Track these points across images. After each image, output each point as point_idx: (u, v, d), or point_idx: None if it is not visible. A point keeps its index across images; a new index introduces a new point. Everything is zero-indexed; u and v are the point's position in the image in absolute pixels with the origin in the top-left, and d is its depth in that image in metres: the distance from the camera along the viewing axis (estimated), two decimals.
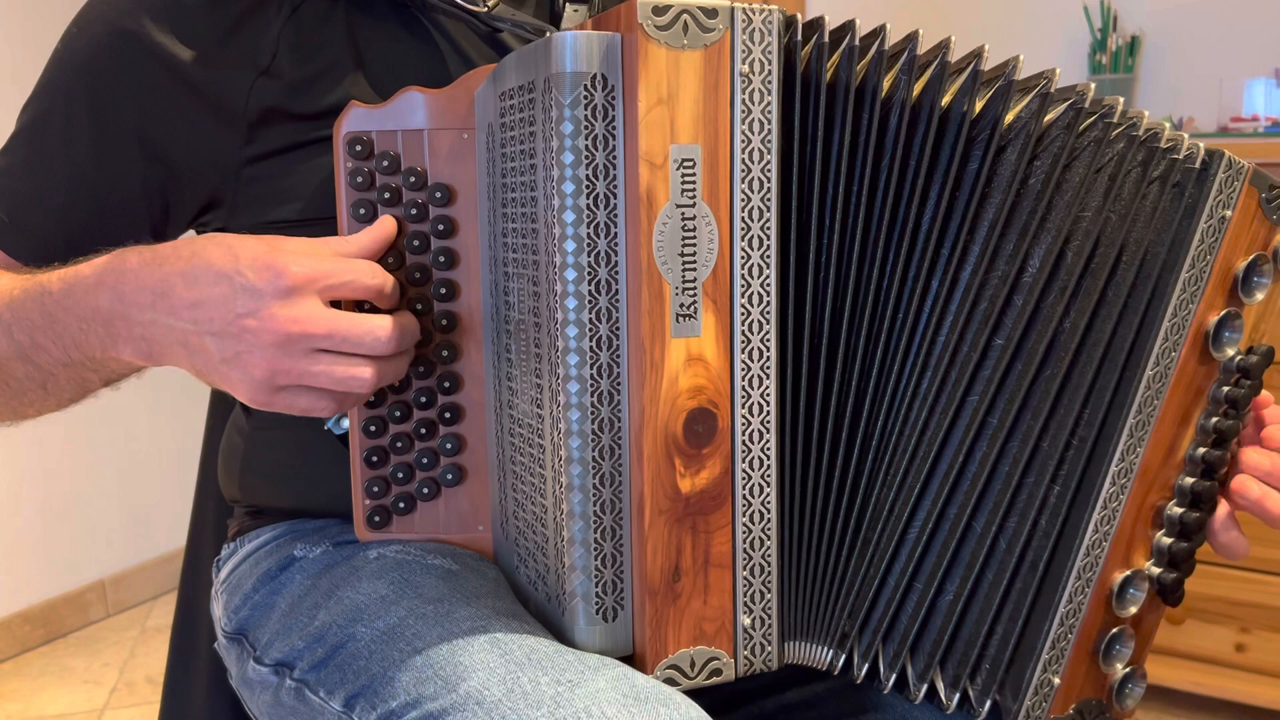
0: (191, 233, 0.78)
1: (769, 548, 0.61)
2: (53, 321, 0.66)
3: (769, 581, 0.61)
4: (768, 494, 0.60)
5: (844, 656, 0.65)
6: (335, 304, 0.62)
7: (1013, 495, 0.65)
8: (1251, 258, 0.67)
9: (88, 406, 0.76)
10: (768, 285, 0.59)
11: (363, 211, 0.69)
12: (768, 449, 0.60)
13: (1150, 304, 0.65)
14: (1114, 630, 0.68)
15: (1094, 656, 0.68)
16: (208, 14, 0.72)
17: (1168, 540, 0.68)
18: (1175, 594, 0.69)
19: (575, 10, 0.81)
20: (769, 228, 0.59)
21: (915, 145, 0.62)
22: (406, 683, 0.60)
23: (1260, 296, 0.68)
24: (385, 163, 0.69)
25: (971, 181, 0.62)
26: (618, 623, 0.60)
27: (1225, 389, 0.68)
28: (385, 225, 0.67)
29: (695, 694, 0.59)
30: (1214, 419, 0.68)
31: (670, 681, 0.59)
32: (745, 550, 0.60)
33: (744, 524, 0.60)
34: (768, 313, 0.59)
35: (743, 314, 0.58)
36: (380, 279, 0.63)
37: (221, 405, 0.94)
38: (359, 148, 0.69)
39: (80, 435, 2.35)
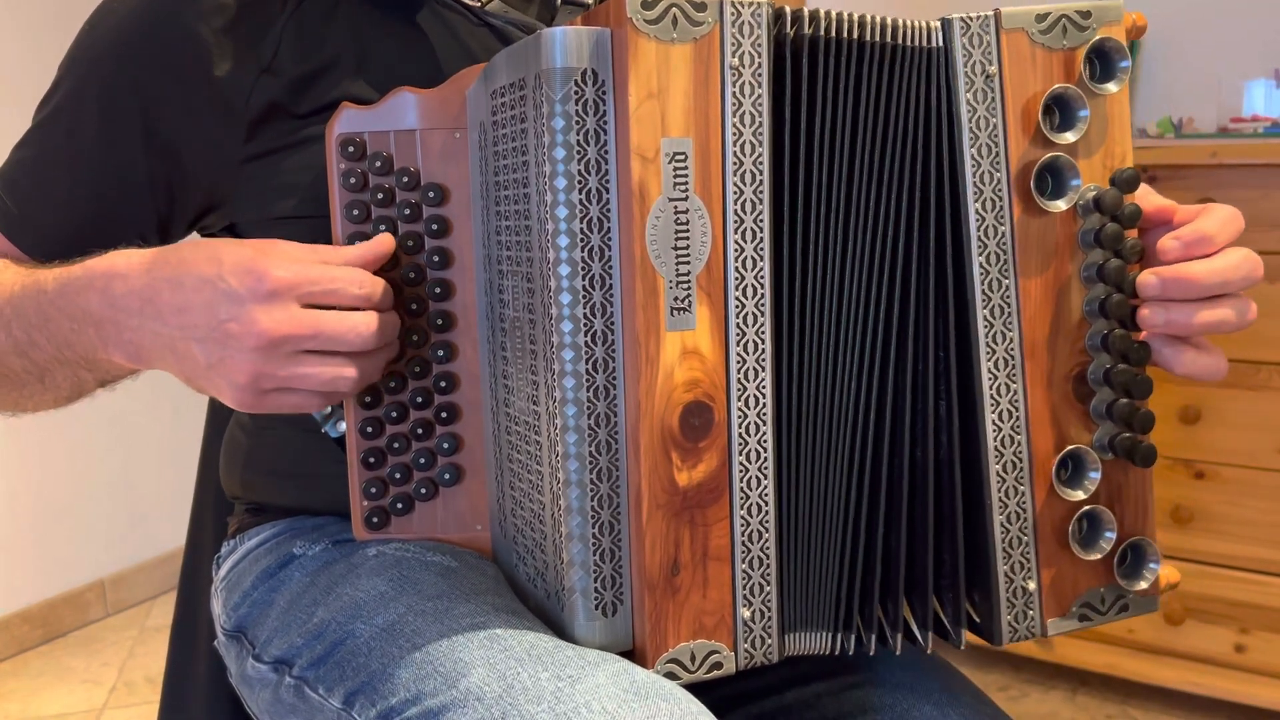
0: (194, 236, 0.79)
1: (768, 540, 0.61)
2: (46, 320, 0.67)
3: (768, 574, 0.61)
4: (765, 486, 0.61)
5: (854, 636, 0.65)
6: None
7: (910, 427, 0.64)
8: (1046, 95, 0.62)
9: (87, 405, 0.76)
10: (761, 278, 0.59)
11: (356, 212, 0.69)
12: (764, 442, 0.60)
13: (952, 192, 0.63)
14: (1081, 513, 0.65)
15: (1066, 547, 0.65)
16: (211, 12, 0.72)
17: (1104, 403, 0.65)
18: (1140, 452, 0.64)
19: (570, 11, 0.81)
20: (762, 220, 0.59)
21: (878, 128, 0.62)
22: (406, 679, 0.61)
23: (1078, 132, 0.63)
24: (378, 164, 0.69)
25: (892, 150, 0.62)
26: (617, 618, 0.60)
27: (1091, 229, 0.64)
28: (382, 242, 0.67)
29: (695, 691, 0.59)
30: (1093, 267, 0.64)
31: (671, 676, 0.59)
32: (744, 543, 0.60)
33: (742, 517, 0.60)
34: (762, 305, 0.59)
35: (737, 306, 0.59)
36: (368, 288, 0.63)
37: (221, 403, 0.94)
38: (351, 149, 0.69)
39: (79, 435, 2.35)
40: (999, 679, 1.95)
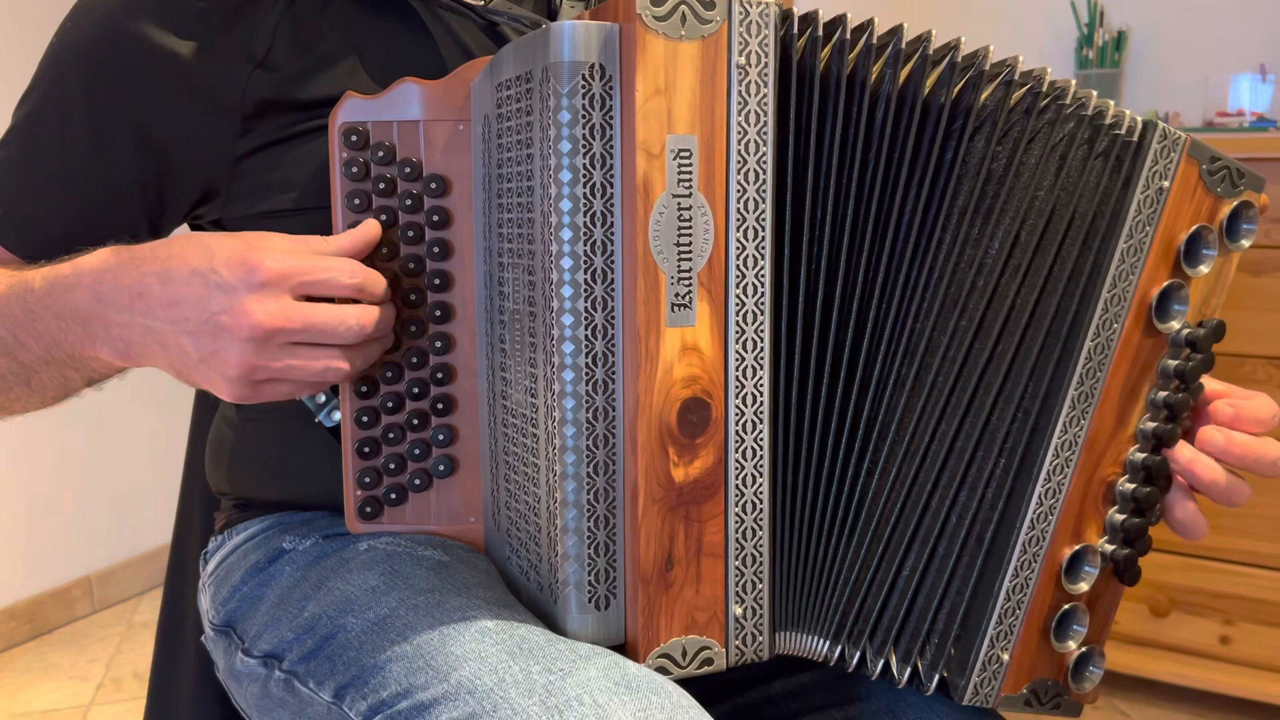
0: (185, 228, 0.78)
1: (761, 538, 0.61)
2: (34, 319, 0.66)
3: (761, 571, 0.62)
4: (760, 484, 0.61)
5: (840, 649, 0.66)
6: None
7: (965, 470, 0.65)
8: (1194, 229, 0.67)
9: (73, 402, 0.76)
10: (762, 276, 0.59)
11: (358, 202, 0.69)
12: (761, 439, 0.60)
13: (1090, 276, 0.65)
14: (1066, 607, 0.68)
15: (1045, 633, 0.68)
16: (203, 6, 0.72)
17: (1121, 516, 0.68)
18: (1130, 572, 0.68)
19: (572, 7, 0.82)
20: (764, 219, 0.59)
21: (899, 136, 0.62)
22: (397, 673, 0.60)
23: (1205, 269, 0.68)
24: (380, 153, 0.69)
25: (947, 169, 0.63)
26: (610, 611, 0.60)
27: (1174, 363, 0.67)
28: (369, 228, 0.67)
29: (685, 683, 0.59)
30: (1163, 393, 0.67)
31: (662, 671, 0.60)
32: (738, 540, 0.61)
33: (736, 514, 0.60)
34: (762, 304, 0.59)
35: (737, 304, 0.59)
36: (360, 277, 0.63)
37: (208, 398, 0.94)
38: (354, 138, 0.69)
39: (66, 430, 2.33)
40: None
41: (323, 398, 0.72)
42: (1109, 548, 0.68)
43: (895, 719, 0.72)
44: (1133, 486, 0.67)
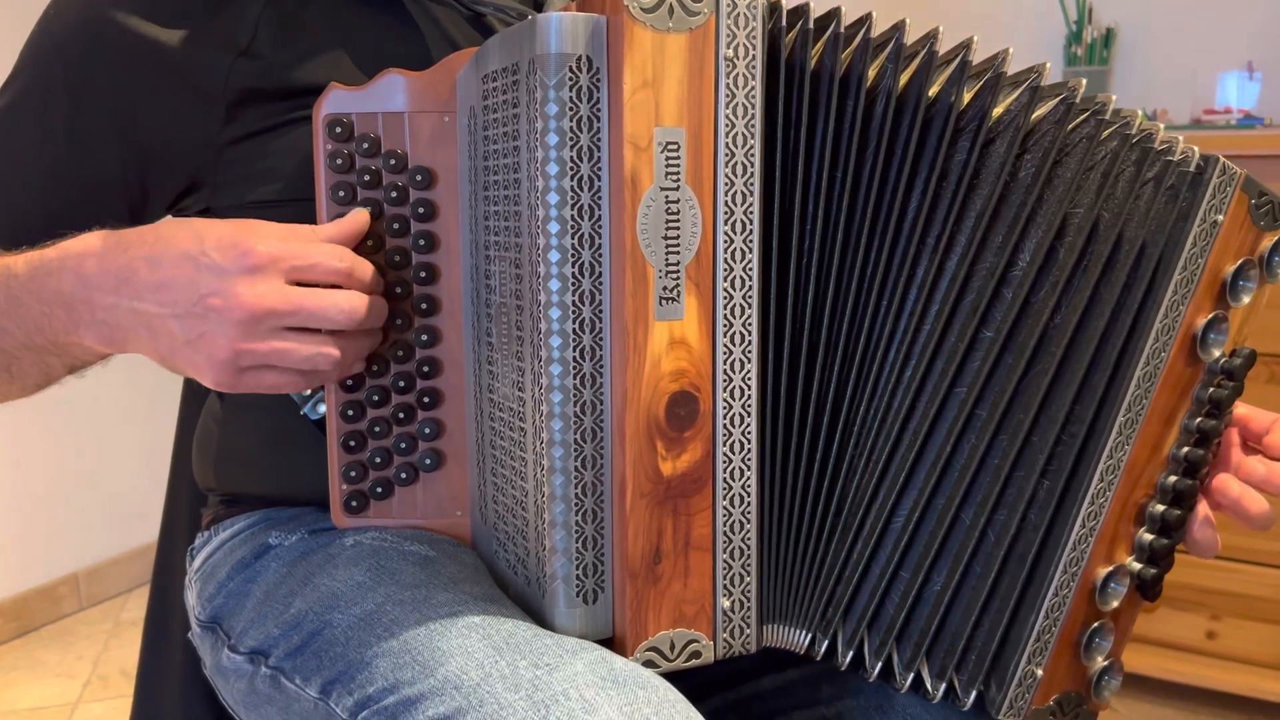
0: (169, 217, 0.78)
1: (749, 531, 0.61)
2: (16, 304, 0.66)
3: (749, 565, 0.61)
4: (748, 478, 0.61)
5: (826, 642, 0.66)
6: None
7: (1002, 488, 0.65)
8: (1240, 262, 0.68)
9: (60, 396, 0.75)
10: (750, 270, 0.59)
11: (342, 194, 0.68)
12: (749, 433, 0.60)
13: (1144, 304, 0.65)
14: (1096, 624, 0.69)
15: (1076, 649, 0.69)
16: None
17: (1149, 537, 0.69)
18: (1154, 590, 0.70)
19: (568, 3, 0.81)
20: (752, 212, 0.59)
21: (901, 134, 0.62)
22: (384, 668, 0.60)
23: (1246, 300, 0.69)
24: (365, 145, 0.68)
25: (959, 173, 0.62)
26: (598, 605, 0.60)
27: (1210, 390, 0.69)
28: (357, 218, 0.66)
29: (674, 678, 0.59)
30: (1197, 419, 0.69)
31: (650, 664, 0.60)
32: (725, 533, 0.60)
33: (724, 507, 0.60)
34: (750, 297, 0.59)
35: (725, 298, 0.59)
36: (348, 263, 0.63)
37: (195, 393, 0.93)
38: (339, 129, 0.68)
39: (53, 426, 2.32)
40: None
41: (308, 390, 0.71)
42: (1136, 566, 0.70)
43: (884, 715, 0.72)
44: (1163, 509, 0.69)
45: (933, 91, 0.62)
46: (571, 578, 0.60)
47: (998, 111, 0.62)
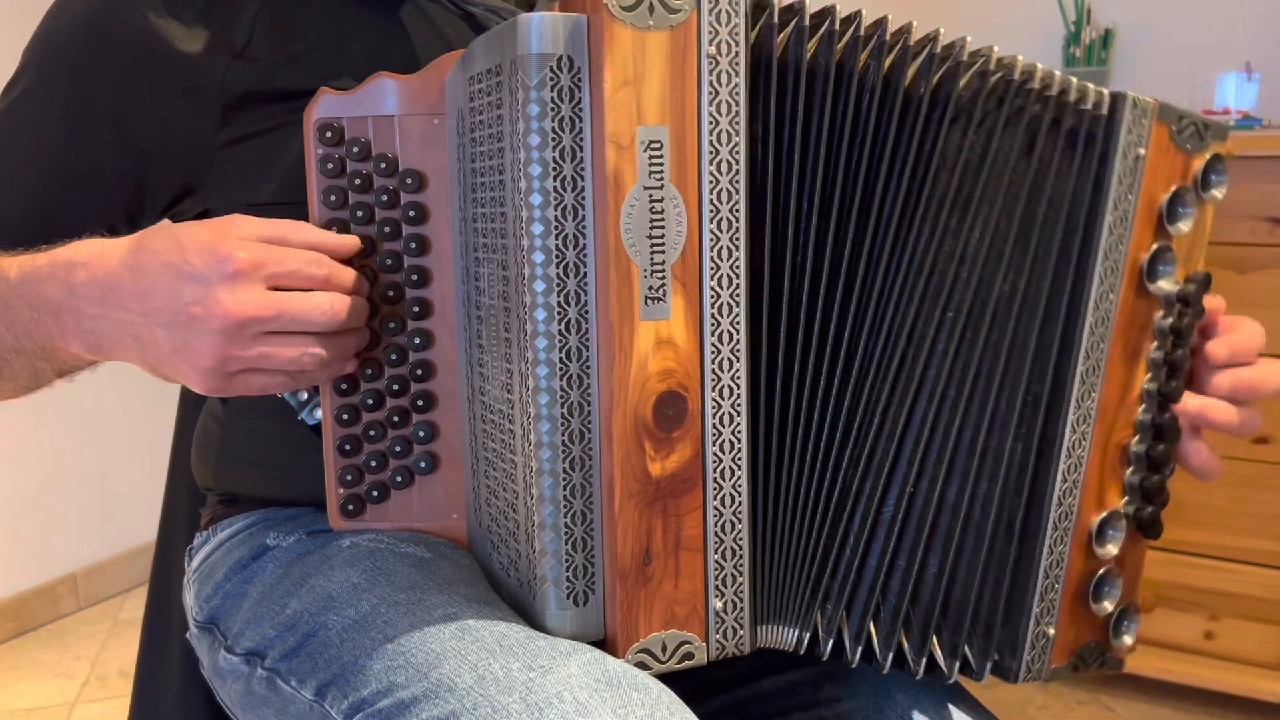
0: (167, 222, 0.78)
1: (740, 531, 0.61)
2: (6, 308, 0.66)
3: (741, 565, 0.61)
4: (739, 477, 0.60)
5: (832, 640, 0.65)
6: None
7: (979, 461, 0.66)
8: (1173, 190, 0.68)
9: (58, 395, 0.76)
10: (737, 268, 0.59)
11: (334, 198, 0.68)
12: (738, 432, 0.60)
13: (1083, 252, 0.66)
14: (1100, 572, 0.69)
15: (1084, 602, 0.69)
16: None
17: (1138, 476, 0.70)
18: (1154, 527, 0.70)
19: (550, 3, 0.81)
20: (738, 210, 0.59)
21: (883, 126, 0.62)
22: (378, 671, 0.60)
23: (1187, 227, 0.69)
24: (356, 149, 0.68)
25: (925, 160, 0.63)
26: (589, 607, 0.60)
27: (1169, 320, 0.69)
28: (347, 241, 0.66)
29: (668, 680, 0.59)
30: (1162, 351, 0.69)
31: (642, 666, 0.59)
32: (716, 533, 0.60)
33: (715, 507, 0.60)
34: (737, 296, 0.59)
35: (712, 296, 0.58)
36: (327, 269, 0.63)
37: (193, 394, 0.93)
38: (329, 134, 0.68)
39: (51, 425, 2.32)
40: None
41: (305, 395, 0.72)
42: (1131, 508, 0.70)
43: (883, 715, 0.72)
44: (1146, 445, 0.69)
45: (906, 83, 0.62)
46: (561, 580, 0.60)
47: (957, 96, 0.62)
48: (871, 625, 0.66)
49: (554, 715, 0.53)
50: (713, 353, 0.59)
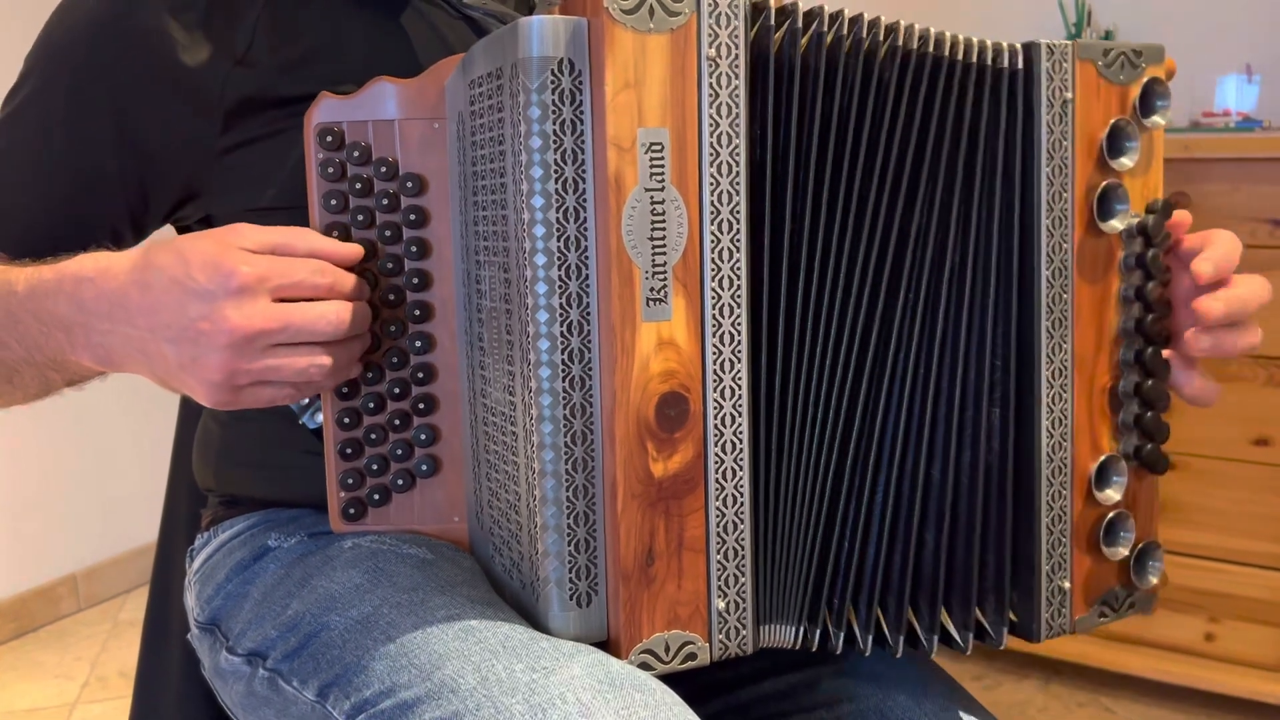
0: (170, 230, 0.78)
1: (743, 531, 0.61)
2: (16, 322, 0.67)
3: (743, 565, 0.61)
4: (740, 477, 0.61)
5: (842, 633, 0.66)
6: None
7: (959, 433, 0.66)
8: (1110, 125, 0.67)
9: (58, 399, 0.76)
10: (738, 269, 0.59)
11: (334, 203, 0.69)
12: (740, 433, 0.60)
13: (1024, 208, 0.66)
14: (1109, 517, 0.69)
15: (1097, 549, 0.69)
16: (184, 2, 0.72)
17: (1131, 414, 0.70)
18: (1158, 462, 0.70)
19: (549, 2, 0.81)
20: (739, 212, 0.59)
21: (865, 120, 0.63)
22: (380, 671, 0.60)
23: (1131, 160, 0.68)
24: (356, 153, 0.69)
25: (897, 148, 0.63)
26: (592, 608, 0.60)
27: (1133, 255, 0.69)
28: (350, 249, 0.66)
29: (671, 681, 0.59)
30: (1132, 288, 0.69)
31: (645, 666, 0.59)
32: (719, 534, 0.60)
33: (717, 507, 0.60)
34: (738, 297, 0.59)
35: (713, 298, 0.59)
36: (330, 277, 0.63)
37: None
38: (330, 138, 0.69)
39: (52, 426, 2.32)
40: (973, 668, 1.97)
41: (306, 399, 0.72)
42: (1130, 447, 0.70)
43: (884, 717, 0.72)
44: (1135, 384, 0.69)
45: (875, 73, 0.63)
46: (564, 581, 0.60)
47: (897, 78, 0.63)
48: (879, 612, 0.66)
49: (557, 716, 0.53)
50: (714, 354, 0.59)
